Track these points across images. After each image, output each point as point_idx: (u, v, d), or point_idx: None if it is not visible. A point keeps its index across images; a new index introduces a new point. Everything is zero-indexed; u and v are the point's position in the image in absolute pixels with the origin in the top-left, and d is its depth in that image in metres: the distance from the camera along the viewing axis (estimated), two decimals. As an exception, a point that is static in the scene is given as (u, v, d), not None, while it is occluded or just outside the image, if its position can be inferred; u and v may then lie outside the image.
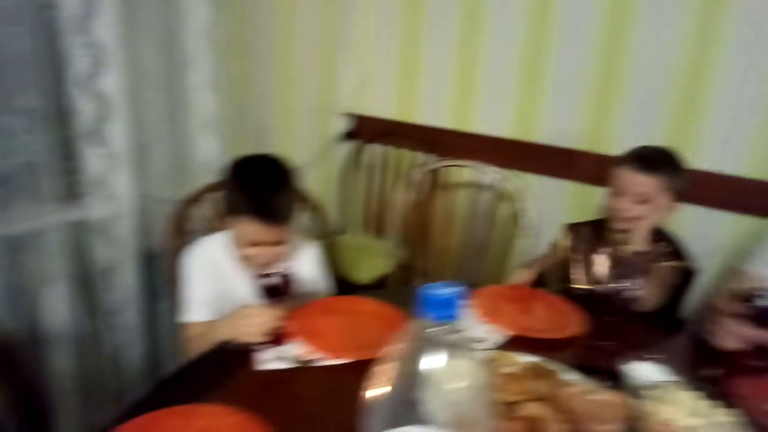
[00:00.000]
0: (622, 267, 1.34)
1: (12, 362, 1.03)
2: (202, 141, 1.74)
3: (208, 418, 0.87)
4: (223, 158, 1.81)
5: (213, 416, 0.88)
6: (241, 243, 1.22)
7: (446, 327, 0.43)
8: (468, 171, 2.19)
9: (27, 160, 1.36)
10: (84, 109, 1.40)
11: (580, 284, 1.53)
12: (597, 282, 1.47)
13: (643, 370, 0.93)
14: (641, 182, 1.38)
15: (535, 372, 0.89)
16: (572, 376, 0.95)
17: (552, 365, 0.95)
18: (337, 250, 1.76)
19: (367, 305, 1.28)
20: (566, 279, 1.58)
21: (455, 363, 0.45)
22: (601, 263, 1.45)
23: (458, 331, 0.43)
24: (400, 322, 1.19)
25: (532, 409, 0.79)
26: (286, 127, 2.30)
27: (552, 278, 1.62)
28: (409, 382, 0.47)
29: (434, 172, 2.14)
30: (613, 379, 0.94)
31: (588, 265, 1.53)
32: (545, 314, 1.30)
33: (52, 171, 1.39)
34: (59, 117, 1.38)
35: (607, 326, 1.25)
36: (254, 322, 1.06)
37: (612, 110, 1.98)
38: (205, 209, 1.57)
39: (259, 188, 1.18)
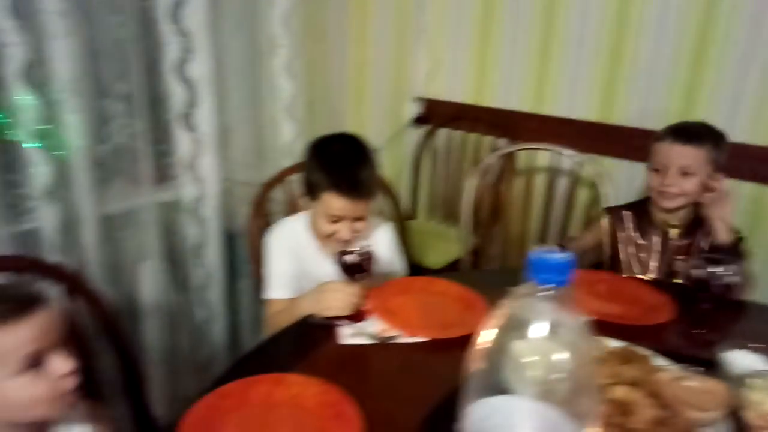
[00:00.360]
0: (716, 252, 1.27)
1: (114, 331, 1.12)
2: (282, 125, 1.79)
3: (294, 387, 0.91)
4: (300, 142, 1.87)
5: (298, 385, 0.91)
6: (323, 220, 1.24)
7: (555, 292, 0.42)
8: (544, 155, 2.14)
9: (124, 144, 1.46)
10: (175, 94, 1.48)
11: (636, 269, 1.49)
12: (669, 269, 1.43)
13: (744, 359, 0.88)
14: (685, 154, 1.36)
15: (623, 356, 0.86)
16: (663, 362, 0.92)
17: (641, 350, 0.92)
18: (407, 235, 1.77)
19: (443, 286, 1.28)
20: (613, 262, 1.53)
21: (559, 333, 0.44)
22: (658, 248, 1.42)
23: (568, 297, 0.42)
24: (477, 304, 1.18)
25: (622, 392, 0.76)
26: (359, 111, 2.33)
27: (584, 260, 1.58)
28: (508, 352, 0.46)
29: (508, 157, 2.10)
30: (707, 366, 0.89)
31: (642, 248, 1.47)
32: (629, 300, 1.25)
33: (146, 154, 1.48)
34: (153, 102, 1.46)
35: (702, 313, 1.19)
36: (337, 296, 1.09)
37: (699, 90, 1.86)
38: (285, 192, 1.63)
39: (341, 162, 1.20)
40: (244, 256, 1.88)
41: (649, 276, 1.46)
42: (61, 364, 0.75)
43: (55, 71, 1.23)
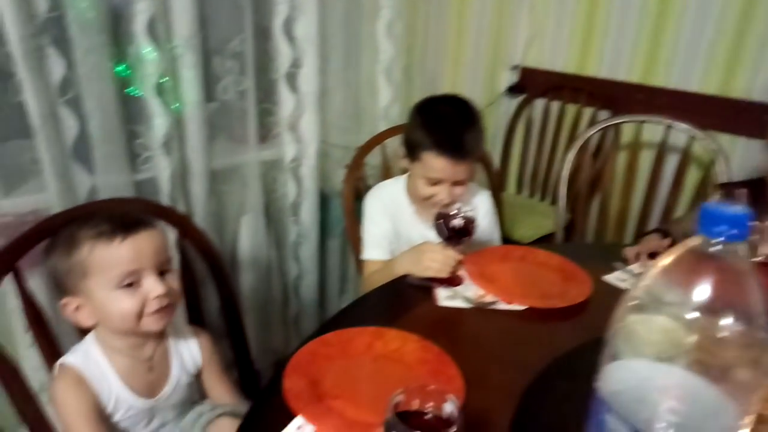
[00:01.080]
0: None
1: (220, 275, 1.18)
2: (379, 88, 1.79)
3: (394, 341, 0.92)
4: (396, 107, 1.87)
5: (398, 339, 0.92)
6: (422, 182, 1.23)
7: (733, 247, 0.38)
8: (652, 129, 2.00)
9: (232, 101, 1.51)
10: (282, 53, 1.51)
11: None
12: None
13: None
14: None
15: None
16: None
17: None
18: (499, 207, 1.73)
19: (544, 256, 1.24)
20: None
21: (726, 295, 0.40)
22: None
23: (741, 253, 0.38)
24: (578, 276, 1.14)
25: None
26: (455, 78, 2.29)
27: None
28: (660, 310, 0.44)
29: (610, 130, 1.98)
30: None
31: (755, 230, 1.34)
32: None
33: (252, 112, 1.53)
34: (261, 61, 1.50)
35: None
36: (435, 258, 1.08)
37: None
38: (381, 155, 1.63)
39: (446, 122, 1.18)
40: (334, 217, 1.92)
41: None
42: (154, 286, 0.81)
43: (176, 27, 1.29)
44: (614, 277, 1.16)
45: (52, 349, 0.93)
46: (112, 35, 1.23)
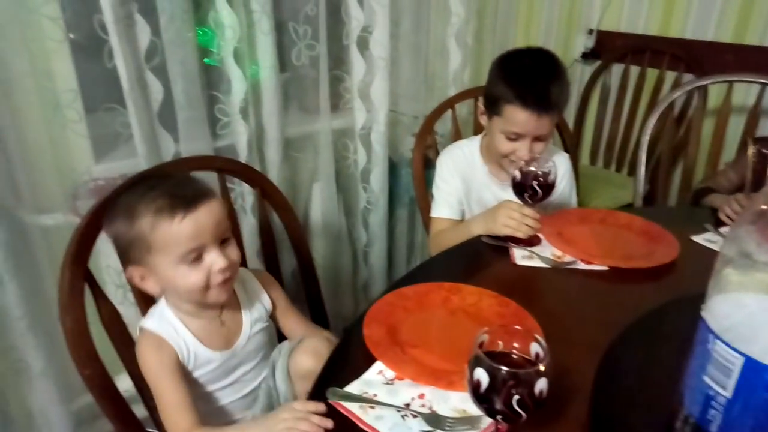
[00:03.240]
0: None
1: (297, 237, 1.21)
2: (451, 53, 1.76)
3: (471, 297, 0.91)
4: (466, 72, 1.83)
5: (475, 295, 0.91)
6: (501, 137, 1.19)
7: None
8: (742, 91, 1.86)
9: (305, 67, 1.53)
10: (354, 17, 1.51)
11: None
12: None
13: None
14: None
15: None
16: None
17: None
18: (575, 175, 1.67)
19: (624, 218, 1.19)
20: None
21: None
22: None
23: None
24: (664, 237, 1.09)
25: None
26: (526, 43, 2.19)
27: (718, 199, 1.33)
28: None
29: (696, 92, 1.86)
30: None
31: None
32: None
33: (324, 79, 1.54)
34: (332, 27, 1.51)
35: None
36: (513, 215, 1.06)
37: None
38: (452, 122, 1.61)
39: (529, 74, 1.14)
40: (403, 186, 1.92)
41: None
42: (217, 259, 0.83)
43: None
44: (703, 239, 1.10)
45: (147, 302, 0.98)
46: (194, 2, 1.27)
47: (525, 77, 1.14)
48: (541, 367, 0.54)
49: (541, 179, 1.06)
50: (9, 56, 1.09)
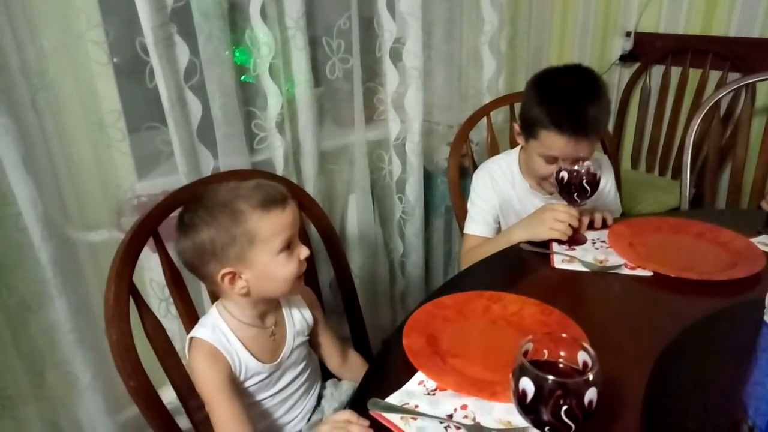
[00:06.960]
0: None
1: (336, 251, 1.21)
2: (485, 60, 1.75)
3: (513, 304, 0.89)
4: (501, 80, 1.81)
5: (518, 303, 0.89)
6: (539, 161, 1.16)
7: None
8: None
9: (339, 81, 1.54)
10: (387, 29, 1.51)
11: None
12: None
13: None
14: None
15: None
16: None
17: None
18: (617, 181, 1.63)
19: (671, 223, 1.15)
20: None
21: None
22: None
23: None
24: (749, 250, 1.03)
25: None
26: (561, 48, 2.18)
27: None
28: None
29: (743, 91, 1.78)
30: None
31: None
32: None
33: (358, 91, 1.55)
34: (366, 39, 1.52)
35: None
36: (561, 218, 1.04)
37: None
38: (488, 129, 1.59)
39: (566, 97, 1.10)
40: (438, 196, 1.91)
41: None
42: (303, 249, 0.88)
43: (286, 7, 1.34)
44: (757, 241, 1.04)
45: (190, 315, 1.00)
46: (230, 21, 1.30)
47: (561, 100, 1.10)
48: (590, 377, 0.52)
49: (588, 177, 1.03)
50: (58, 80, 1.14)
